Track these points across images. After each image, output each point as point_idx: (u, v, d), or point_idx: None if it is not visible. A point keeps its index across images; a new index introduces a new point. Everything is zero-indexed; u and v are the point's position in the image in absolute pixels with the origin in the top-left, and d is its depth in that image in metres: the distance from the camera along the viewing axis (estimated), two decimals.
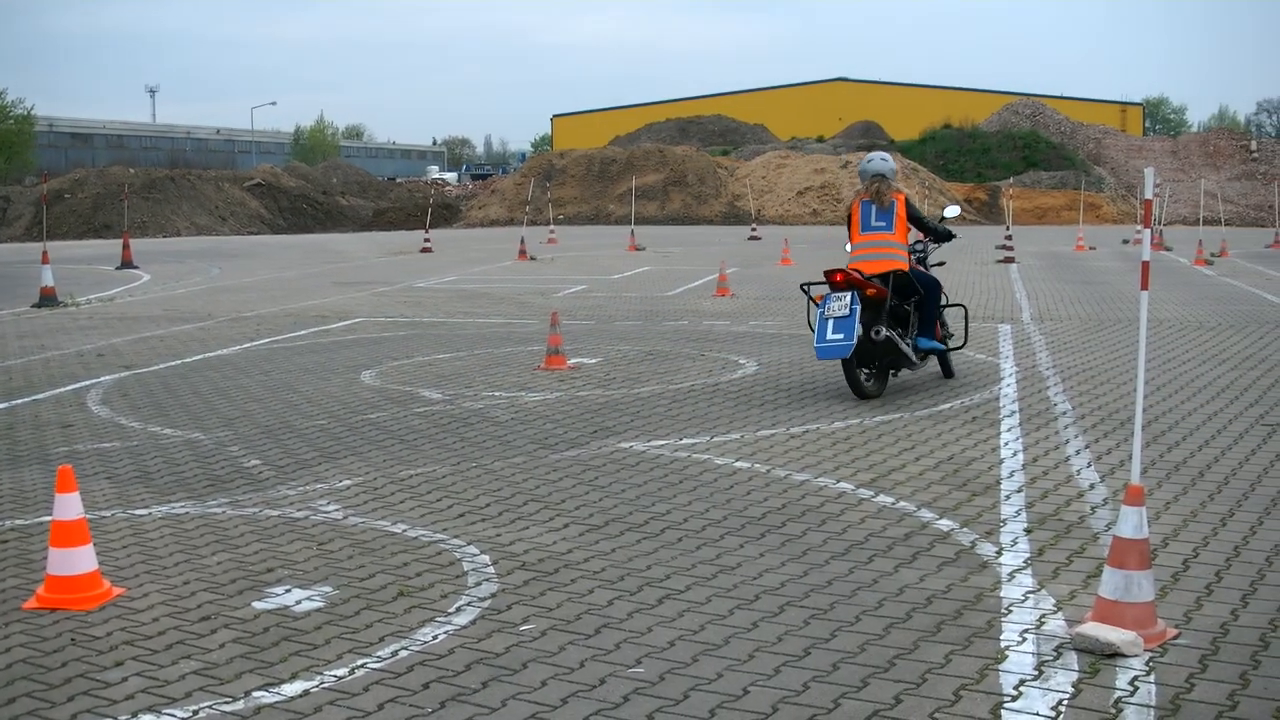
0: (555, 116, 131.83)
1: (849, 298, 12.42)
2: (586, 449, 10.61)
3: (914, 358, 13.10)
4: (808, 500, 8.82)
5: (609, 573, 7.30)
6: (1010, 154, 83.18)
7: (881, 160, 13.82)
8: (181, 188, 70.04)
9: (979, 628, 6.29)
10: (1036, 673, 5.72)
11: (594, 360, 15.61)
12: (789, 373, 14.38)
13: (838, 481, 9.32)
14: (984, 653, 5.97)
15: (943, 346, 13.67)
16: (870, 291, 12.64)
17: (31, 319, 23.15)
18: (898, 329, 12.99)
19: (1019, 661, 5.86)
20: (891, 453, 10.28)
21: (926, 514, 8.45)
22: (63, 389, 14.53)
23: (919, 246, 14.17)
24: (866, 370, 12.89)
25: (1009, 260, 33.58)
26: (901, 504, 8.70)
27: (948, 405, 12.35)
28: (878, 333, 12.64)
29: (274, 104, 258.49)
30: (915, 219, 13.63)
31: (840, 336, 12.34)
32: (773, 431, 11.19)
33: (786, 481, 9.36)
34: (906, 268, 13.06)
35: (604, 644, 6.16)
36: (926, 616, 6.46)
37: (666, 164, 74.74)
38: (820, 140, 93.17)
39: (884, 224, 13.21)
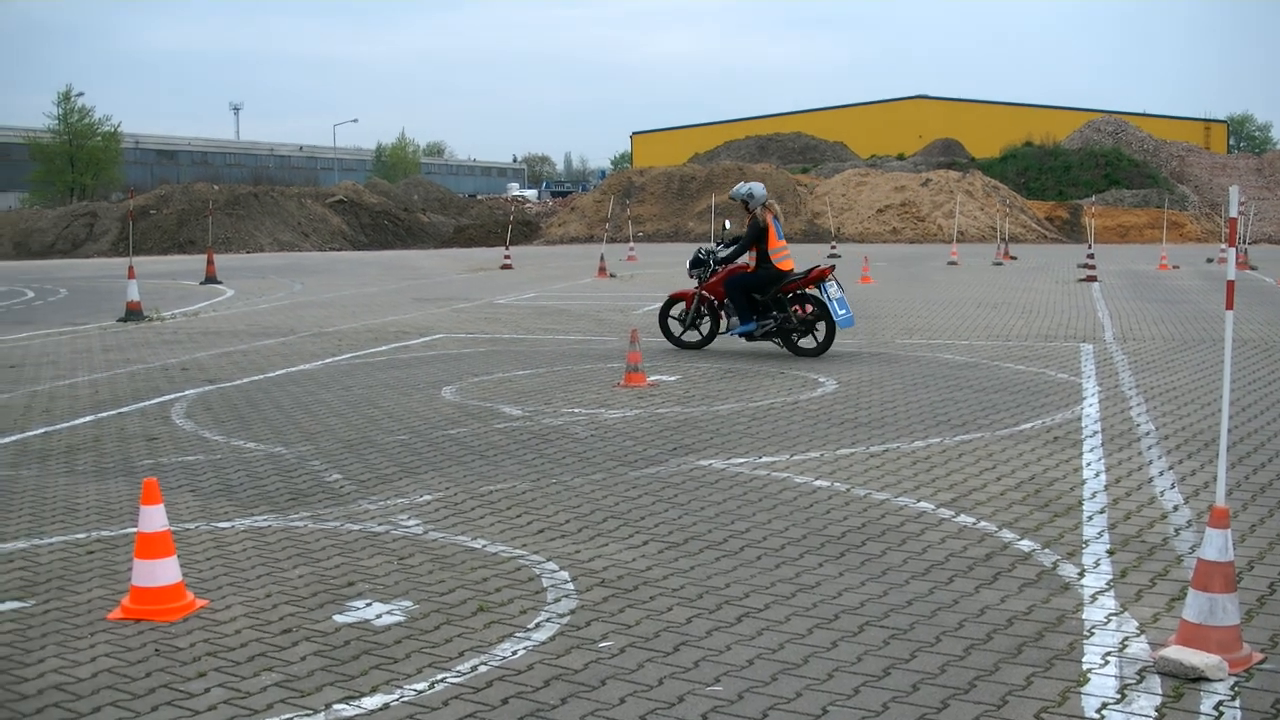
0: (635, 134, 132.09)
1: (835, 286, 17.81)
2: (666, 466, 10.62)
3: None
4: (888, 519, 8.79)
5: (688, 590, 7.30)
6: (1092, 172, 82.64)
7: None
8: (265, 204, 70.68)
9: (1061, 650, 6.25)
10: (1119, 696, 5.68)
11: (673, 378, 15.62)
12: (869, 391, 14.33)
13: (918, 501, 9.28)
14: (1066, 675, 5.92)
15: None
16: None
17: (117, 333, 23.42)
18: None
19: (1101, 685, 5.81)
20: (972, 472, 10.23)
21: (1008, 534, 8.39)
22: (148, 402, 14.69)
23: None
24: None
25: (1091, 279, 33.29)
26: (982, 524, 8.65)
27: (1029, 425, 12.27)
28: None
29: (356, 121, 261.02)
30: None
31: (846, 311, 17.78)
32: (852, 450, 11.16)
33: (866, 500, 9.32)
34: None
35: (682, 661, 6.16)
36: (1007, 638, 6.42)
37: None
38: (900, 158, 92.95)
39: (780, 234, 18.27)
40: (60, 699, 5.90)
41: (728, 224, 21.55)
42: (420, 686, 5.93)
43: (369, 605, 7.17)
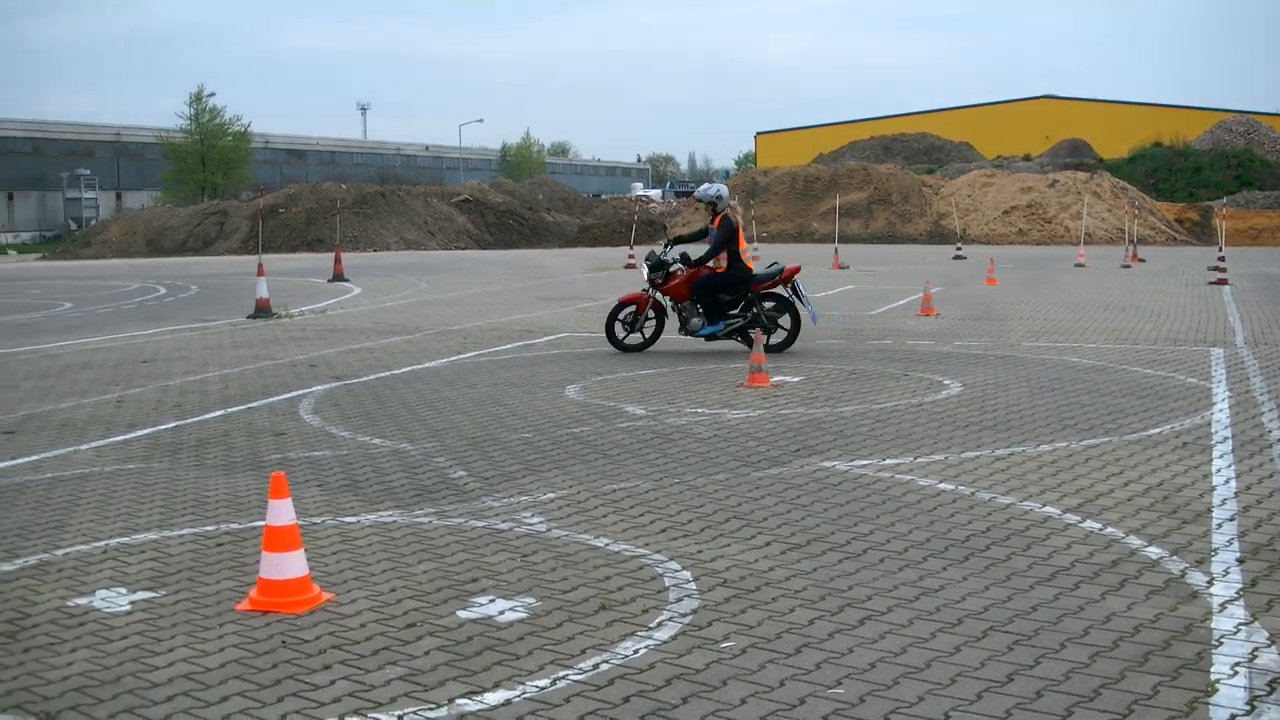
0: (759, 134, 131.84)
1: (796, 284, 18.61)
2: (789, 467, 10.59)
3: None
4: (1012, 524, 8.71)
5: (810, 592, 7.28)
6: (1223, 173, 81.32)
7: None
8: (391, 203, 71.34)
9: (1188, 659, 6.16)
10: (1248, 708, 5.58)
11: (796, 379, 15.58)
12: (994, 394, 14.20)
13: (1044, 506, 9.18)
14: (1193, 685, 5.83)
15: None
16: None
17: (247, 329, 23.76)
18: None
19: (1230, 695, 5.72)
20: (1099, 478, 10.10)
21: (1134, 541, 8.28)
22: (276, 398, 14.89)
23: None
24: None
25: (1222, 282, 32.77)
26: (1109, 530, 8.54)
27: (1158, 430, 12.10)
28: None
29: (481, 121, 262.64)
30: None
31: (812, 309, 19.04)
32: (977, 454, 11.07)
33: (991, 504, 9.25)
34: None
35: (804, 663, 6.15)
36: (1133, 646, 6.34)
37: (870, 182, 74.35)
38: (1027, 159, 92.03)
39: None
40: (189, 688, 5.99)
41: (717, 227, 21.27)
42: (542, 683, 5.96)
43: (492, 601, 7.22)
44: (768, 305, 18.51)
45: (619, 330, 18.86)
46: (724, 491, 9.78)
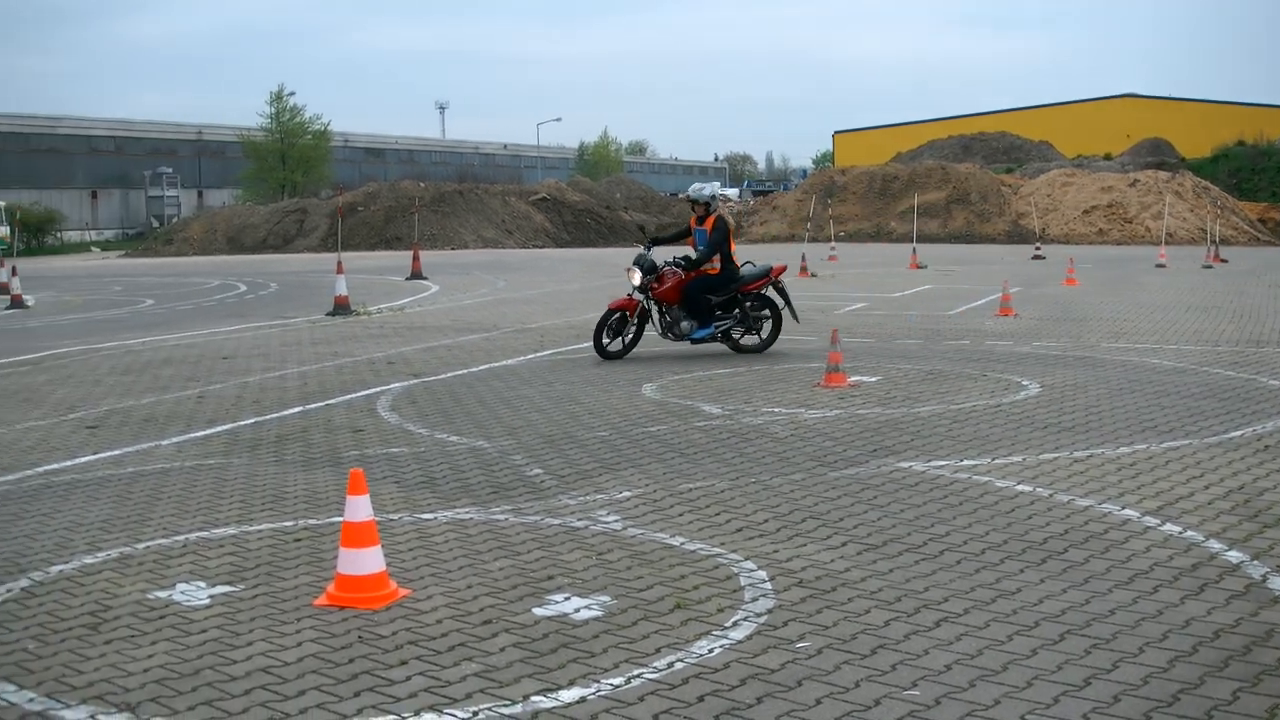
0: (837, 133, 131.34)
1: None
2: (865, 468, 10.56)
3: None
4: (1090, 527, 8.64)
5: (886, 593, 7.26)
6: None
7: None
8: (469, 201, 71.66)
9: (1269, 665, 6.09)
10: None
11: (874, 379, 15.53)
12: (1073, 395, 14.10)
13: (1122, 509, 9.11)
14: (1274, 691, 5.77)
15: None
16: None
17: (326, 326, 23.93)
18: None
19: None
20: (1179, 480, 10.01)
21: (1215, 545, 8.20)
22: (354, 395, 14.99)
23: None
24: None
25: None
26: (1189, 534, 8.46)
27: (1239, 433, 11.97)
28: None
29: (559, 120, 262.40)
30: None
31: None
32: (1055, 455, 10.99)
33: (1069, 507, 9.18)
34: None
35: (879, 665, 6.13)
36: (1213, 651, 6.28)
37: (949, 181, 73.96)
38: (1107, 158, 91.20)
39: None
40: (266, 681, 6.05)
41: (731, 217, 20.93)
42: (617, 681, 5.97)
43: (568, 599, 7.24)
44: (749, 305, 18.52)
45: (605, 337, 18.07)
46: (800, 491, 9.76)
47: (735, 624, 6.75)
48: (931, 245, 59.30)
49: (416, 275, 38.43)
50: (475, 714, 5.63)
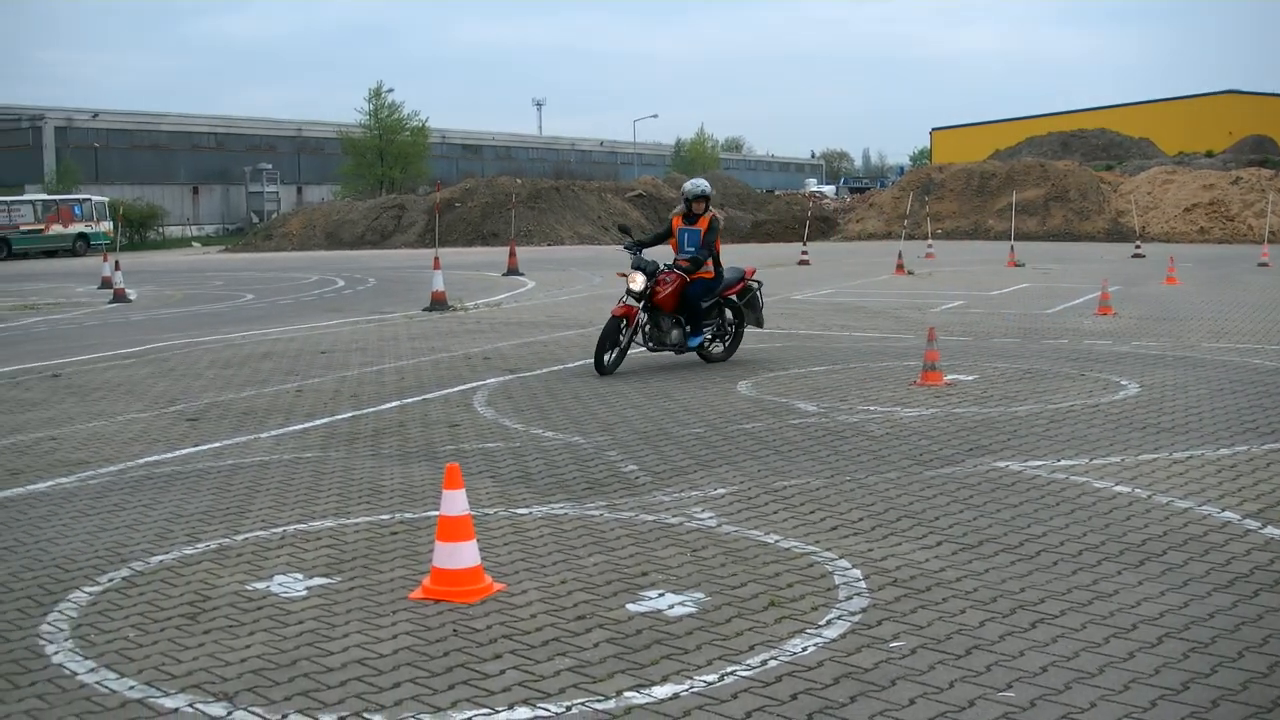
0: (934, 130, 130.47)
1: None
2: (961, 467, 10.49)
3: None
4: (1190, 529, 8.54)
5: (981, 593, 7.22)
6: None
7: None
8: (565, 197, 71.87)
9: None
10: None
11: (970, 377, 15.42)
12: (1173, 396, 13.94)
13: (1222, 511, 9.00)
14: None
15: None
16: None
17: (423, 321, 24.09)
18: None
19: None
20: None
21: None
22: (450, 389, 15.08)
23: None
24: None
25: None
26: None
27: None
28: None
29: (655, 117, 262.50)
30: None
31: None
32: (1154, 456, 10.87)
33: (1168, 508, 9.08)
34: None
35: (974, 665, 6.09)
36: None
37: (1047, 179, 73.24)
38: (1209, 155, 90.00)
39: None
40: (361, 673, 6.10)
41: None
42: (710, 678, 5.97)
43: (662, 595, 7.25)
44: (728, 311, 17.55)
45: (606, 351, 16.35)
46: (895, 490, 9.72)
47: (829, 622, 6.73)
48: (1029, 243, 58.77)
49: (513, 271, 38.61)
50: (568, 709, 5.65)
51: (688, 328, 16.88)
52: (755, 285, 17.84)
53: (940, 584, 7.39)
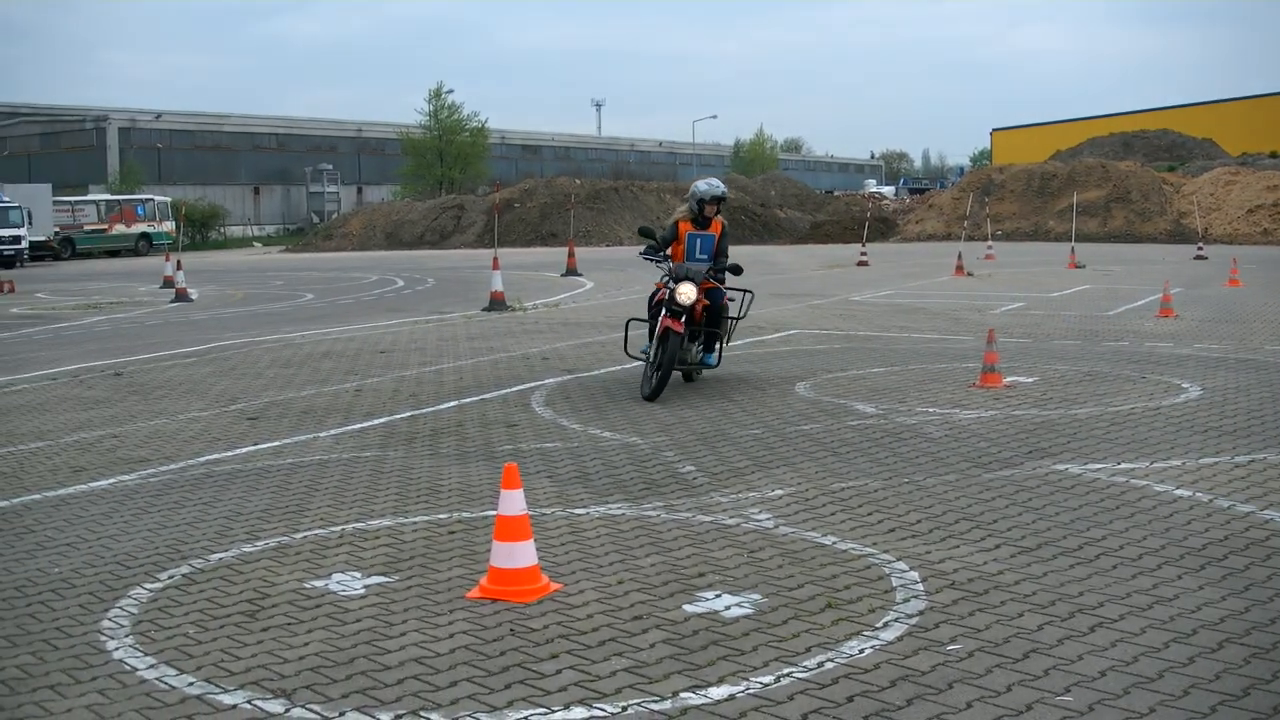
0: (994, 130, 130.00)
1: None
2: (1020, 469, 10.44)
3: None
4: (1251, 533, 8.47)
5: (1039, 596, 7.18)
6: None
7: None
8: (624, 198, 72.00)
9: None
10: None
11: (1030, 379, 15.34)
12: (1235, 399, 13.82)
13: None
14: None
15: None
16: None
17: (482, 322, 24.16)
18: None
19: None
20: None
21: None
22: (509, 389, 15.12)
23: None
24: None
25: None
26: None
27: None
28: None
29: (715, 117, 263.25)
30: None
31: None
32: (1216, 460, 10.78)
33: (1230, 513, 9.00)
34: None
35: (1032, 669, 6.06)
36: None
37: (1109, 180, 72.79)
38: (1273, 156, 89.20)
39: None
40: (419, 671, 6.12)
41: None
42: (766, 680, 5.96)
43: (718, 596, 7.24)
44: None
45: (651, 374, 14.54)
46: (954, 492, 9.68)
47: (886, 625, 6.71)
48: (1090, 244, 58.43)
49: (572, 271, 38.69)
50: (624, 709, 5.66)
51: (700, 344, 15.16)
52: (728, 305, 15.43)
53: (998, 587, 7.36)
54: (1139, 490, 9.68)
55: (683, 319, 14.33)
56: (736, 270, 15.06)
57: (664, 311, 14.29)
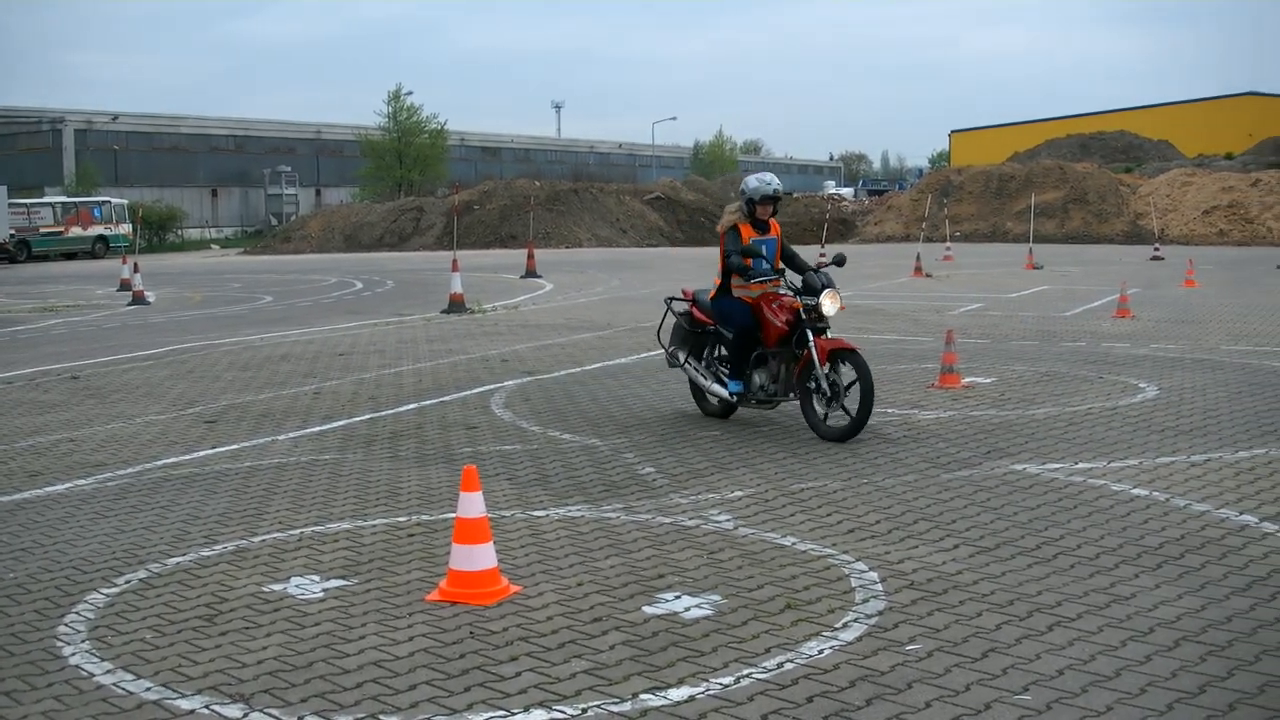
0: (953, 132, 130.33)
1: None
2: (979, 469, 10.48)
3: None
4: (1208, 532, 8.52)
5: (998, 596, 7.21)
6: None
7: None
8: (584, 200, 71.88)
9: None
10: None
11: (988, 380, 15.40)
12: (1191, 398, 13.90)
13: (1240, 514, 8.97)
14: None
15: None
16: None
17: (441, 324, 24.12)
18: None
19: None
20: None
21: None
22: (468, 392, 15.10)
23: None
24: None
25: None
26: None
27: None
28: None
29: (674, 119, 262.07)
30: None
31: None
32: (1172, 459, 10.84)
33: (1186, 511, 9.06)
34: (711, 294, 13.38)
35: (990, 668, 6.09)
36: None
37: (1066, 181, 73.12)
38: (1228, 157, 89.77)
39: None
40: (378, 675, 6.11)
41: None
42: (726, 681, 5.97)
43: (678, 598, 7.25)
44: None
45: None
46: (912, 493, 9.71)
47: (846, 625, 6.73)
48: (1048, 245, 58.65)
49: (531, 273, 38.66)
50: (584, 711, 5.66)
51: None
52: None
53: (957, 587, 7.39)
54: (1096, 490, 9.73)
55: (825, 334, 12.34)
56: (840, 262, 13.79)
57: (804, 333, 12.14)
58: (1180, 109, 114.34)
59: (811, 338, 12.07)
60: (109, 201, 69.83)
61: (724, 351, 12.96)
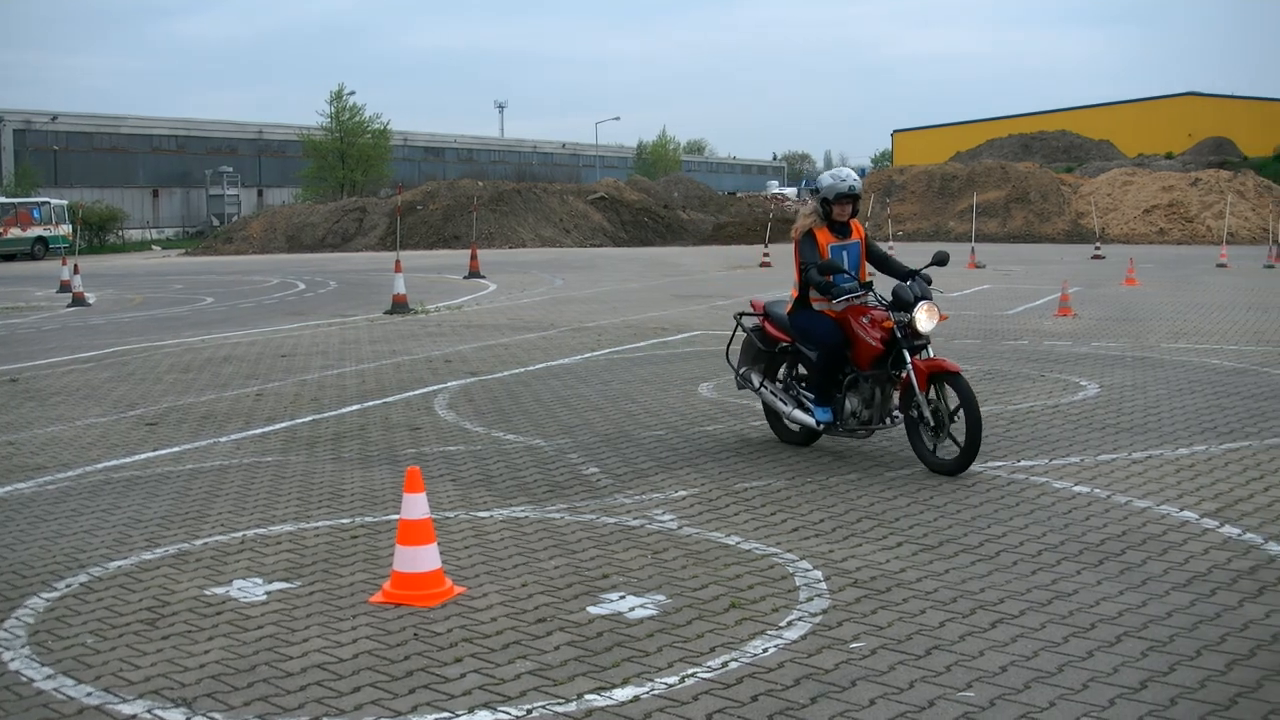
0: (896, 132, 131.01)
1: None
2: (921, 468, 10.51)
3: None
4: (1149, 528, 8.58)
5: (941, 593, 7.24)
6: None
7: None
8: (528, 200, 71.78)
9: None
10: None
11: None
12: (1132, 396, 14.00)
13: (1181, 510, 9.04)
14: None
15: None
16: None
17: (384, 325, 24.03)
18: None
19: None
20: (1239, 482, 9.93)
21: (1275, 547, 8.13)
22: (412, 393, 15.04)
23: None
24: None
25: None
26: (1248, 536, 8.39)
27: None
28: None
29: (618, 119, 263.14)
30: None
31: None
32: (1114, 456, 10.92)
33: (1127, 508, 9.12)
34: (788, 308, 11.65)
35: (934, 665, 6.11)
36: (1272, 654, 6.22)
37: (1008, 180, 73.62)
38: (1169, 157, 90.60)
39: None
40: (322, 678, 6.09)
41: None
42: (671, 680, 5.97)
43: (623, 598, 7.25)
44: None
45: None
46: (856, 491, 9.74)
47: (790, 624, 6.74)
48: (990, 245, 59.03)
49: (475, 274, 38.57)
50: (529, 712, 5.65)
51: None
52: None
53: (900, 584, 7.41)
54: (1038, 487, 9.79)
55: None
56: (943, 260, 11.96)
57: (901, 353, 10.73)
58: (1121, 109, 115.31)
59: (909, 359, 10.69)
60: (48, 202, 69.18)
61: (804, 370, 11.71)
